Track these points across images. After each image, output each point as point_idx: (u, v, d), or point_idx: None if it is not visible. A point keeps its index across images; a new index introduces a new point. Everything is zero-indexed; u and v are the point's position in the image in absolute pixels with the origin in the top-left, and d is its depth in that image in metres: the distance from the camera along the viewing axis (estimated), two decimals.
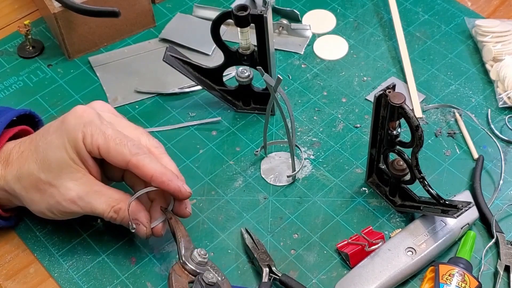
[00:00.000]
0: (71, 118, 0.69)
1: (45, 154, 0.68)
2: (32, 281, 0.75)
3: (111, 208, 0.70)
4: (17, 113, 0.76)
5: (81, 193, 0.69)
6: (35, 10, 1.01)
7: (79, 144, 0.68)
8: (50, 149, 0.68)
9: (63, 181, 0.68)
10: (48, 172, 0.68)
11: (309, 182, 0.81)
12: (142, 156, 0.69)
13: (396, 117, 0.69)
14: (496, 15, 0.97)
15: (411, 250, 0.72)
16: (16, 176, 0.70)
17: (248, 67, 0.84)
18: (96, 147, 0.68)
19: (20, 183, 0.70)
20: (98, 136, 0.68)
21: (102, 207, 0.70)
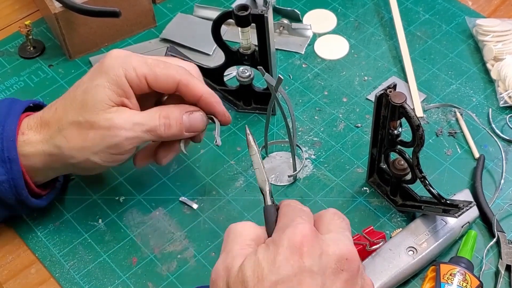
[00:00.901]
0: (108, 60, 0.69)
1: (84, 98, 0.68)
2: (33, 282, 0.75)
3: (159, 116, 0.69)
4: (34, 101, 0.76)
5: (124, 117, 0.68)
6: (36, 10, 1.01)
7: (121, 81, 0.67)
8: (88, 92, 0.68)
9: (103, 115, 0.67)
10: (88, 111, 0.68)
11: (310, 182, 0.81)
12: (190, 77, 0.70)
13: (397, 116, 0.69)
14: (496, 14, 0.97)
15: (412, 249, 0.72)
16: (56, 130, 0.69)
17: (249, 67, 0.84)
18: (143, 77, 0.68)
19: (62, 134, 0.69)
20: (142, 67, 0.68)
21: (149, 118, 0.69)
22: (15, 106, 0.73)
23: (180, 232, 0.77)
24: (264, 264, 0.55)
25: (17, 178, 0.70)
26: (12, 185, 0.70)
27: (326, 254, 0.56)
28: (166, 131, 0.70)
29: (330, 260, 0.55)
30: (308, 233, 0.56)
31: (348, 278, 0.56)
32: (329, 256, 0.56)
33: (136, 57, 0.69)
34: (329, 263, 0.55)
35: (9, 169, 0.69)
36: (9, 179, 0.70)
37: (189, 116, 0.71)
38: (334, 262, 0.55)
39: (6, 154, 0.69)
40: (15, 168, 0.70)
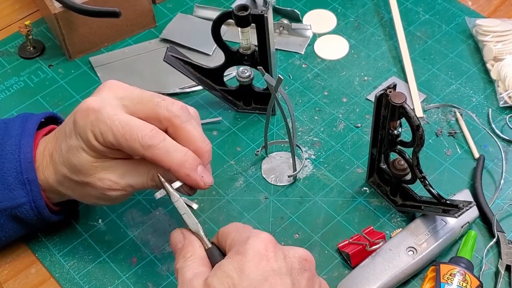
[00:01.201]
0: (79, 119, 0.66)
1: (68, 158, 0.67)
2: (33, 282, 0.75)
3: (147, 178, 0.67)
4: (44, 115, 0.75)
5: (115, 178, 0.67)
6: (36, 10, 1.01)
7: (94, 144, 0.65)
8: (71, 153, 0.67)
9: (95, 176, 0.67)
10: (78, 173, 0.67)
11: (310, 182, 0.81)
12: (156, 148, 0.65)
13: (397, 116, 0.69)
14: (496, 14, 0.97)
15: (412, 249, 0.72)
16: (56, 180, 0.69)
17: (248, 67, 0.84)
18: (110, 144, 0.65)
19: (62, 186, 0.69)
20: (107, 134, 0.65)
21: (139, 181, 0.68)
22: (28, 124, 0.72)
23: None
24: (233, 274, 0.57)
25: (38, 199, 0.70)
26: (33, 206, 0.70)
27: (289, 256, 0.60)
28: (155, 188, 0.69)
29: (294, 261, 0.60)
30: (270, 240, 0.59)
31: (310, 277, 0.60)
32: (292, 258, 0.60)
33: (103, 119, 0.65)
34: (294, 264, 0.59)
35: (29, 190, 0.69)
36: (29, 201, 0.70)
37: None
38: (298, 263, 0.60)
39: (25, 175, 0.69)
40: (35, 189, 0.69)
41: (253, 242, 0.59)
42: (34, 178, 0.69)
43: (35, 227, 0.74)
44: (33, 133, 0.71)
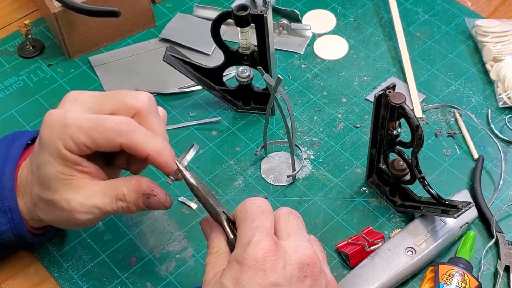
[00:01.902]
0: (44, 132, 0.64)
1: (39, 175, 0.65)
2: (32, 281, 0.75)
3: (115, 198, 0.65)
4: (32, 135, 0.73)
5: (81, 199, 0.65)
6: (35, 10, 1.01)
7: (63, 154, 0.63)
8: (40, 169, 0.65)
9: (62, 195, 0.65)
10: (47, 190, 0.65)
11: (309, 182, 0.81)
12: (134, 133, 0.63)
13: (396, 117, 0.69)
14: (496, 15, 0.97)
15: (411, 250, 0.72)
16: (32, 203, 0.68)
17: (248, 67, 0.84)
18: (83, 145, 0.63)
19: (37, 208, 0.68)
20: (78, 135, 0.62)
21: (106, 201, 0.65)
22: (12, 149, 0.70)
23: (179, 232, 0.77)
24: (230, 286, 0.57)
25: (20, 226, 0.69)
26: (16, 233, 0.69)
27: (288, 264, 0.58)
28: (126, 212, 0.66)
29: (294, 269, 0.58)
30: (269, 247, 0.57)
31: (312, 283, 0.58)
32: (292, 265, 0.58)
33: (70, 124, 0.63)
34: (293, 272, 0.57)
35: (10, 218, 0.68)
36: (11, 228, 0.69)
37: (146, 199, 0.65)
38: (298, 270, 0.58)
39: (6, 204, 0.68)
40: (15, 217, 0.68)
41: (252, 250, 0.57)
42: (15, 206, 0.68)
43: (18, 248, 0.74)
44: (16, 159, 0.70)
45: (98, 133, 0.63)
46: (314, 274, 0.59)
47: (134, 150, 0.64)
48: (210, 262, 0.62)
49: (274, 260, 0.57)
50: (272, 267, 0.57)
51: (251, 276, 0.56)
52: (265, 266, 0.57)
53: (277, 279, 0.57)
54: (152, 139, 0.64)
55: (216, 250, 0.62)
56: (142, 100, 0.65)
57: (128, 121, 0.64)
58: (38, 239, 0.73)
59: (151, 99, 0.66)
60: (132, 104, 0.65)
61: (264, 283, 0.56)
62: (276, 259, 0.57)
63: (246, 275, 0.56)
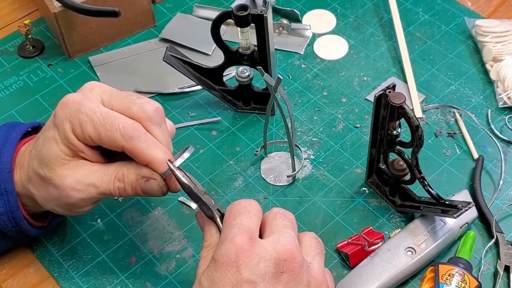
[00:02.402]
0: (58, 110, 0.65)
1: (41, 149, 0.66)
2: (32, 281, 0.75)
3: (114, 178, 0.65)
4: (32, 125, 0.74)
5: (78, 176, 0.65)
6: (35, 9, 1.01)
7: (69, 136, 0.64)
8: (44, 144, 0.66)
9: (58, 171, 0.65)
10: (45, 166, 0.66)
11: (309, 182, 0.81)
12: (138, 140, 0.63)
13: (396, 117, 0.69)
14: (496, 15, 0.97)
15: (410, 250, 0.72)
16: (27, 176, 0.68)
17: (248, 67, 0.84)
18: (88, 136, 0.64)
19: (31, 182, 0.68)
20: (87, 125, 0.63)
21: (104, 180, 0.65)
22: (12, 134, 0.71)
23: (179, 232, 0.77)
24: (205, 284, 0.57)
25: (15, 210, 0.69)
26: (11, 217, 0.69)
27: (263, 260, 0.57)
28: (121, 194, 0.66)
29: (268, 265, 0.57)
30: (243, 244, 0.57)
31: (289, 279, 0.57)
32: (267, 261, 0.57)
33: (84, 111, 0.64)
34: (267, 268, 0.57)
35: (6, 201, 0.68)
36: (7, 211, 0.69)
37: (145, 182, 0.65)
38: (273, 266, 0.57)
39: (3, 186, 0.68)
40: (11, 200, 0.68)
41: (225, 248, 0.57)
42: (12, 189, 0.68)
43: (17, 240, 0.74)
44: (15, 143, 0.70)
45: (105, 130, 0.63)
46: (292, 270, 0.57)
47: (135, 157, 0.64)
48: (203, 256, 0.62)
49: (247, 257, 0.56)
50: (245, 263, 0.56)
51: (223, 273, 0.56)
52: (237, 263, 0.56)
53: (249, 276, 0.56)
54: (156, 149, 0.64)
55: (208, 244, 0.62)
56: (147, 111, 0.65)
57: (135, 127, 0.64)
58: (34, 231, 0.73)
59: (158, 110, 0.66)
60: (137, 113, 0.65)
61: (236, 280, 0.56)
62: (250, 255, 0.57)
63: (219, 273, 0.56)
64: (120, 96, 0.66)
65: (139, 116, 0.65)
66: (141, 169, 0.65)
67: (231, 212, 0.61)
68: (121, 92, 0.67)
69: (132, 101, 0.65)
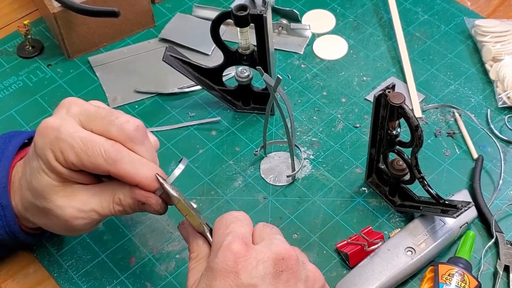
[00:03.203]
0: (38, 139, 0.63)
1: (31, 181, 0.65)
2: (31, 281, 0.75)
3: (112, 202, 0.64)
4: (29, 135, 0.72)
5: (77, 205, 0.64)
6: (35, 10, 1.01)
7: (54, 164, 0.62)
8: (32, 176, 0.64)
9: (55, 203, 0.64)
10: (41, 198, 0.64)
11: (309, 182, 0.81)
12: (122, 163, 0.62)
13: (396, 117, 0.69)
14: (495, 15, 0.97)
15: (410, 249, 0.72)
16: (22, 206, 0.67)
17: (247, 67, 0.84)
18: (71, 164, 0.62)
19: (29, 212, 0.67)
20: (68, 152, 0.61)
21: (104, 205, 0.64)
22: (9, 147, 0.70)
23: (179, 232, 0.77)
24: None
25: (12, 224, 0.68)
26: (8, 231, 0.69)
27: (262, 262, 0.57)
28: (122, 214, 0.66)
29: (267, 266, 0.57)
30: (239, 249, 0.57)
31: (289, 277, 0.57)
32: (265, 262, 0.57)
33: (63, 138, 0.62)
34: (267, 269, 0.57)
35: (2, 216, 0.68)
36: (4, 225, 0.68)
37: (142, 205, 0.64)
38: (272, 266, 0.57)
39: None
40: (8, 214, 0.68)
41: (221, 255, 0.56)
42: (8, 204, 0.68)
43: (15, 248, 0.74)
44: (11, 157, 0.69)
45: (87, 156, 0.61)
46: (291, 267, 0.57)
47: (123, 179, 0.63)
48: (191, 268, 0.61)
49: (245, 261, 0.56)
50: (244, 268, 0.56)
51: (223, 280, 0.56)
52: (236, 268, 0.56)
53: (250, 279, 0.56)
54: (142, 167, 0.63)
55: (196, 255, 0.62)
56: (127, 132, 0.63)
57: (116, 149, 0.62)
58: (33, 240, 0.73)
59: (138, 128, 0.63)
60: (117, 136, 0.63)
61: (237, 286, 0.56)
62: (247, 259, 0.56)
63: (218, 280, 0.56)
64: (98, 117, 0.63)
65: (119, 139, 0.63)
66: (134, 191, 0.64)
67: (222, 222, 0.61)
68: (100, 112, 0.64)
69: (111, 122, 0.63)
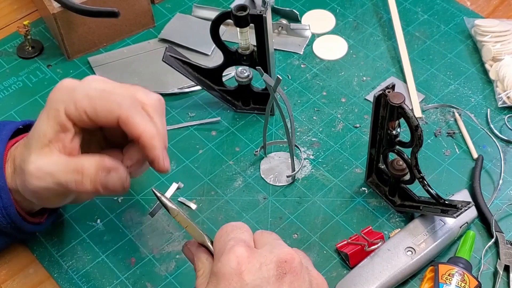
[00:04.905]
0: (53, 92, 0.65)
1: (31, 132, 0.66)
2: (31, 282, 0.75)
3: (72, 169, 0.63)
4: (24, 122, 0.74)
5: (41, 163, 0.63)
6: (35, 10, 1.01)
7: (59, 116, 0.63)
8: (34, 127, 0.66)
9: (30, 156, 0.64)
10: (27, 148, 0.65)
11: (309, 182, 0.81)
12: (134, 111, 0.63)
13: (396, 117, 0.69)
14: (495, 14, 0.97)
15: (410, 249, 0.72)
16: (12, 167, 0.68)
17: (247, 67, 0.84)
18: (83, 112, 0.63)
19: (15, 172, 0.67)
20: (82, 100, 0.63)
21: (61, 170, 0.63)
22: (2, 131, 0.71)
23: (179, 232, 0.77)
24: None
25: (9, 206, 0.68)
26: (5, 213, 0.69)
27: (265, 265, 0.57)
28: (78, 188, 0.64)
29: (270, 269, 0.57)
30: (242, 252, 0.57)
31: (293, 279, 0.57)
32: (268, 265, 0.57)
33: (80, 90, 0.64)
34: (270, 271, 0.57)
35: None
36: (0, 208, 0.68)
37: (105, 176, 0.64)
38: (275, 269, 0.57)
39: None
40: (4, 196, 0.68)
41: (224, 259, 0.57)
42: (4, 185, 0.68)
43: (15, 236, 0.73)
44: (5, 139, 0.70)
45: (101, 101, 0.63)
46: (294, 270, 0.57)
47: (128, 127, 0.63)
48: (199, 284, 0.61)
49: (248, 262, 0.56)
50: (247, 269, 0.56)
51: (227, 283, 0.56)
52: (240, 270, 0.56)
53: (253, 280, 0.56)
54: (149, 123, 0.64)
55: (202, 272, 0.62)
56: (151, 98, 0.66)
57: (134, 100, 0.64)
58: (30, 227, 0.72)
59: (161, 101, 0.68)
60: (142, 99, 0.66)
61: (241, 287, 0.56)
62: (251, 261, 0.57)
63: (223, 284, 0.56)
64: (122, 86, 0.67)
65: (144, 103, 0.65)
66: (103, 160, 0.64)
67: (223, 231, 0.61)
68: (122, 84, 0.67)
69: (136, 89, 0.67)
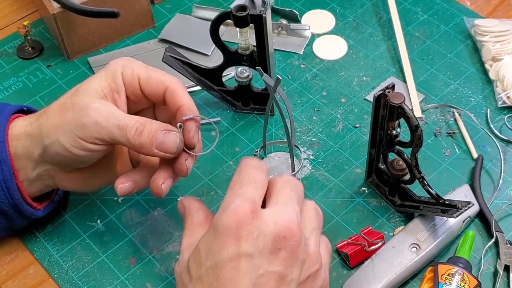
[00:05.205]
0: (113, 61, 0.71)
1: (79, 86, 0.69)
2: (31, 282, 0.75)
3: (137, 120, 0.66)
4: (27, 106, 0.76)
5: (105, 106, 0.66)
6: (35, 11, 1.01)
7: (116, 75, 0.68)
8: (85, 82, 0.69)
9: (88, 99, 0.67)
10: (75, 95, 0.67)
11: (309, 182, 0.81)
12: (180, 85, 0.69)
13: (396, 117, 0.69)
14: (495, 14, 0.97)
15: (415, 246, 0.72)
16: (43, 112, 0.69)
17: (247, 68, 0.84)
18: (137, 77, 0.69)
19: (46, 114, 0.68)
20: (140, 69, 0.69)
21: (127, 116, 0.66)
22: (6, 108, 0.73)
23: (179, 232, 0.77)
24: (202, 251, 0.57)
25: (9, 179, 0.69)
26: (4, 187, 0.69)
27: (263, 235, 0.56)
28: (135, 137, 0.66)
29: (266, 240, 0.56)
30: (245, 215, 0.56)
31: (286, 256, 0.57)
32: (266, 236, 0.57)
33: (137, 62, 0.71)
34: (266, 243, 0.56)
35: (0, 170, 0.69)
36: (1, 181, 0.69)
37: (164, 133, 0.66)
38: (271, 242, 0.57)
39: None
40: (5, 169, 0.69)
41: (226, 217, 0.57)
42: (6, 158, 0.69)
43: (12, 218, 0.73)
44: (8, 115, 0.71)
45: (155, 72, 0.69)
46: (290, 247, 0.57)
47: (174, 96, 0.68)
48: (185, 235, 0.63)
49: (248, 230, 0.56)
50: (245, 236, 0.56)
51: (222, 243, 0.56)
52: (238, 235, 0.56)
53: (247, 249, 0.56)
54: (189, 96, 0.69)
55: (189, 224, 0.63)
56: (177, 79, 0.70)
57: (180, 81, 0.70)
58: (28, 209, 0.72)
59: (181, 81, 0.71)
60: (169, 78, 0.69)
61: (233, 252, 0.56)
62: (250, 228, 0.56)
63: (219, 242, 0.56)
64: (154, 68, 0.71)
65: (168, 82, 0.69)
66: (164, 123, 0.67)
67: (239, 178, 0.61)
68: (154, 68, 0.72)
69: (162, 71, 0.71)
